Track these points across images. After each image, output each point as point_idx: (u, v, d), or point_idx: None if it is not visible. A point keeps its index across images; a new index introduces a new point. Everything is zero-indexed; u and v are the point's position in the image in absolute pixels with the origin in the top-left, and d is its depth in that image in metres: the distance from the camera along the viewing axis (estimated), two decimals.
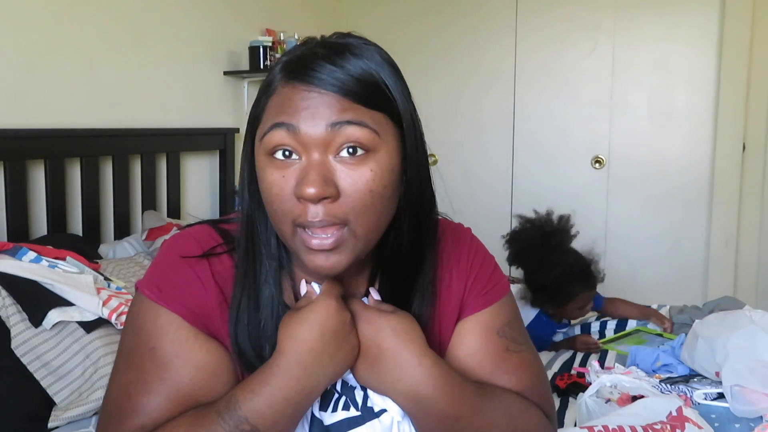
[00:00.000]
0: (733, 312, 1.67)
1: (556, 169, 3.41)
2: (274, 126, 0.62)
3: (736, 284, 3.23)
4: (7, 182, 1.80)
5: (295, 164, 0.62)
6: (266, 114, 0.64)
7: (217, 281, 0.70)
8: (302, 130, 0.61)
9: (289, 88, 0.63)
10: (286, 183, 0.62)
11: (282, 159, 0.62)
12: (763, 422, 1.32)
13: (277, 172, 0.63)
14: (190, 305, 0.68)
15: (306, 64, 0.63)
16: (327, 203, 0.61)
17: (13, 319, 1.39)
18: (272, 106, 0.64)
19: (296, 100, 0.62)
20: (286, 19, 3.10)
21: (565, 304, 1.98)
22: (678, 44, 3.18)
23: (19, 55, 1.87)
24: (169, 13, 2.45)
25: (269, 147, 0.63)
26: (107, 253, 2.03)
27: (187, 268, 0.70)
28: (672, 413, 1.14)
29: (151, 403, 0.66)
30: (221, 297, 0.70)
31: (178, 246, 0.72)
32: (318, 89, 0.61)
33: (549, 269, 1.95)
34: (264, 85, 0.66)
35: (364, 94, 0.62)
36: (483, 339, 0.76)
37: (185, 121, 2.54)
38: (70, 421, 1.32)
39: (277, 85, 0.64)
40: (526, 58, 3.42)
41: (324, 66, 0.62)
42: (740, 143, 3.14)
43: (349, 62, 0.63)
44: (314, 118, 0.61)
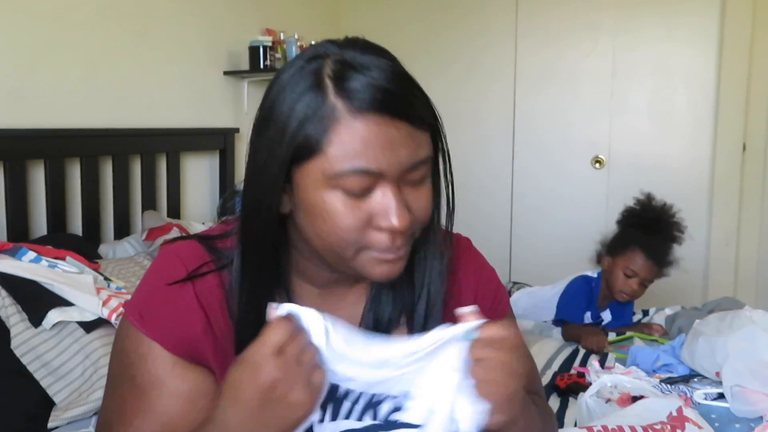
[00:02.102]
0: (733, 312, 1.67)
1: (556, 169, 3.41)
2: (355, 172, 0.59)
3: (736, 284, 3.23)
4: (7, 182, 1.80)
5: (370, 195, 0.61)
6: (333, 149, 0.59)
7: (202, 304, 0.68)
8: (384, 172, 0.60)
9: (364, 123, 0.59)
10: (360, 214, 0.61)
11: (357, 195, 0.61)
12: (763, 422, 1.32)
13: (350, 204, 0.61)
14: (172, 333, 0.67)
15: (379, 97, 0.59)
16: (409, 227, 0.63)
17: (13, 319, 1.39)
18: (343, 141, 0.59)
19: (376, 140, 0.59)
20: (286, 19, 3.10)
21: (617, 255, 2.00)
22: (678, 44, 3.18)
23: (19, 55, 1.87)
24: (169, 13, 2.45)
25: (343, 186, 0.60)
26: (107, 253, 2.03)
27: (170, 294, 0.68)
28: (672, 413, 1.14)
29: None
30: (205, 321, 0.68)
31: (162, 269, 0.70)
32: (396, 122, 0.59)
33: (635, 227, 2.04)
34: (314, 106, 0.60)
35: (424, 118, 0.62)
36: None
37: (185, 121, 2.54)
38: (70, 421, 1.32)
39: (343, 115, 0.59)
40: (527, 59, 3.42)
41: (402, 96, 0.60)
42: (740, 143, 3.14)
43: (412, 81, 0.62)
44: (398, 158, 0.60)
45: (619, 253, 2.02)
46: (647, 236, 2.03)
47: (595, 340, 1.93)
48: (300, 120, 0.60)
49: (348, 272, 0.68)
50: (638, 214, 2.10)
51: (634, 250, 1.99)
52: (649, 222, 2.06)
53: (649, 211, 2.08)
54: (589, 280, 2.10)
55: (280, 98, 0.62)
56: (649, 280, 2.03)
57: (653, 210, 2.08)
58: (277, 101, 0.62)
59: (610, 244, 2.09)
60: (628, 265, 1.99)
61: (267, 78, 2.83)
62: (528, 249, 3.49)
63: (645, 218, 2.06)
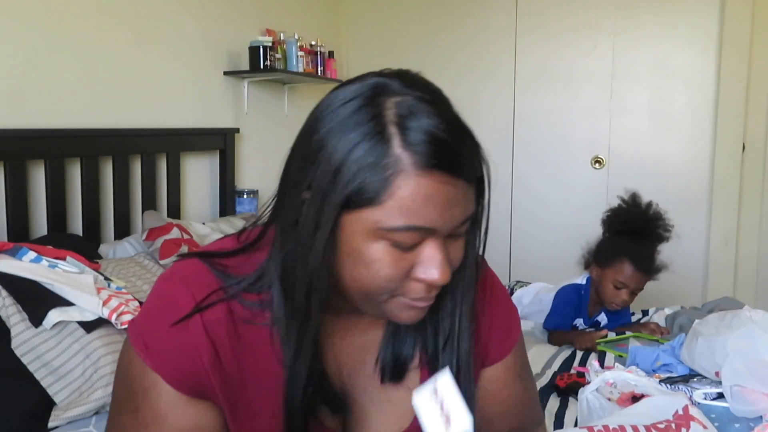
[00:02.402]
0: (733, 312, 1.67)
1: (556, 169, 3.41)
2: (410, 229, 0.58)
3: (736, 284, 3.23)
4: (7, 182, 1.80)
5: (416, 249, 0.60)
6: (391, 202, 0.57)
7: (210, 337, 0.65)
8: (438, 229, 0.59)
9: (428, 180, 0.57)
10: (404, 265, 0.60)
11: (404, 249, 0.60)
12: (762, 422, 1.32)
13: (395, 255, 0.60)
14: (177, 368, 0.65)
15: (449, 157, 0.57)
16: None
17: (13, 319, 1.39)
18: (403, 196, 0.56)
19: (437, 199, 0.57)
20: (286, 19, 3.10)
21: (606, 266, 1.98)
22: (678, 44, 3.18)
23: (19, 55, 1.87)
24: (169, 13, 2.45)
25: (392, 239, 0.59)
26: (107, 253, 2.03)
27: (177, 329, 0.64)
28: (678, 412, 1.13)
29: None
30: (213, 354, 0.65)
31: (168, 297, 0.66)
32: (456, 180, 0.58)
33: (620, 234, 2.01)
34: (376, 154, 0.56)
35: (477, 173, 0.63)
36: (510, 386, 0.80)
37: (185, 121, 2.54)
38: (70, 421, 1.32)
39: (409, 171, 0.56)
40: (526, 58, 3.42)
41: (464, 153, 0.59)
42: (740, 143, 3.14)
43: (467, 131, 0.61)
44: (453, 217, 0.59)
45: (608, 264, 1.99)
46: (635, 244, 1.99)
47: (588, 339, 1.94)
48: (359, 167, 0.56)
49: (370, 312, 0.66)
50: (625, 219, 2.05)
51: (623, 262, 1.96)
52: (637, 227, 2.02)
53: (637, 216, 2.03)
54: (578, 288, 2.08)
55: (335, 136, 0.58)
56: (639, 289, 2.02)
57: (641, 214, 2.04)
58: (330, 139, 0.58)
59: (598, 253, 2.05)
60: (617, 277, 1.97)
61: (267, 78, 2.84)
62: (528, 249, 3.49)
63: (632, 223, 2.03)
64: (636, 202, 2.07)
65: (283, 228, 0.64)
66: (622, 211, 2.07)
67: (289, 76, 2.88)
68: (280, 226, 0.64)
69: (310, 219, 0.59)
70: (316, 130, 0.59)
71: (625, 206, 2.07)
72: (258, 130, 2.98)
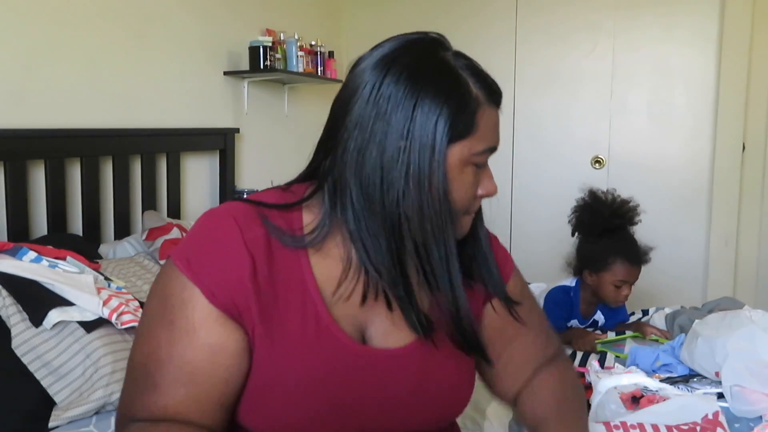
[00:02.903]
0: (732, 312, 1.67)
1: (556, 169, 3.41)
2: (490, 150, 0.75)
3: (736, 284, 3.24)
4: (7, 182, 1.80)
5: (481, 169, 0.76)
6: (478, 131, 0.73)
7: (249, 250, 0.71)
8: (495, 146, 0.77)
9: (492, 111, 0.75)
10: (477, 183, 0.76)
11: (480, 168, 0.76)
12: (762, 422, 1.32)
13: (472, 178, 0.75)
14: (215, 281, 0.70)
15: (495, 89, 0.76)
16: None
17: (14, 319, 1.39)
18: (483, 125, 0.73)
19: (497, 126, 0.76)
20: (286, 19, 3.11)
21: (601, 271, 1.98)
22: (678, 44, 3.18)
23: (19, 55, 1.87)
24: (169, 13, 2.45)
25: (476, 161, 0.74)
26: (107, 253, 2.03)
27: (218, 242, 0.72)
28: (708, 416, 1.12)
29: (163, 384, 0.70)
30: (252, 267, 0.71)
31: (212, 219, 0.75)
32: (498, 111, 0.76)
33: (599, 237, 2.01)
34: (463, 91, 0.72)
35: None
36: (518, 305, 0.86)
37: (185, 121, 2.54)
38: (71, 421, 1.32)
39: (484, 105, 0.73)
40: (526, 59, 3.42)
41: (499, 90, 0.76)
42: (740, 143, 3.14)
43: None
44: (498, 138, 0.77)
45: (602, 268, 1.99)
46: (620, 242, 1.99)
47: (587, 341, 1.94)
48: (452, 110, 0.70)
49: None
50: (594, 218, 2.02)
51: (616, 262, 1.96)
52: (609, 223, 2.02)
53: (604, 212, 2.01)
54: (567, 290, 2.08)
55: (422, 90, 0.70)
56: (636, 279, 2.04)
57: (607, 208, 2.02)
58: (417, 93, 0.70)
59: (587, 261, 2.03)
60: (615, 277, 1.98)
61: (267, 78, 2.84)
62: (528, 249, 3.49)
63: (604, 220, 2.02)
64: (599, 199, 2.06)
65: (361, 179, 0.71)
66: (588, 211, 2.06)
67: (289, 76, 2.88)
68: (355, 179, 0.72)
69: (415, 163, 0.70)
70: (396, 90, 0.70)
71: (589, 205, 2.07)
72: (258, 130, 2.98)
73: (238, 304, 0.71)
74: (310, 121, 3.32)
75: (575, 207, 2.10)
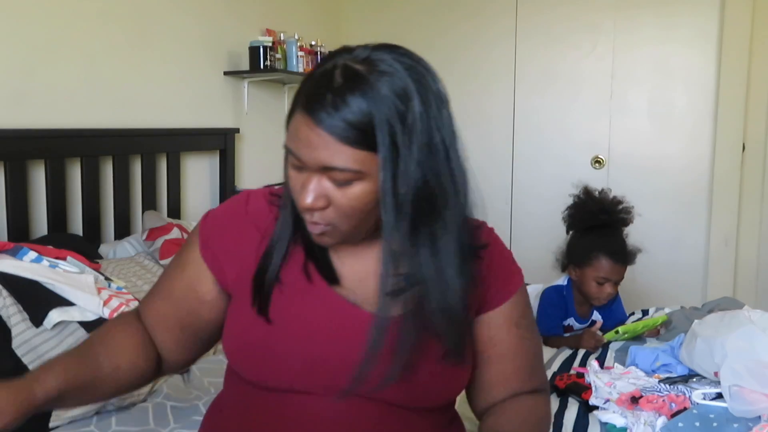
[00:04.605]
0: (731, 312, 1.68)
1: (556, 169, 3.41)
2: (288, 148, 0.75)
3: (736, 284, 3.24)
4: (7, 182, 1.80)
5: (303, 172, 0.75)
6: (288, 130, 0.75)
7: (253, 220, 0.87)
8: (303, 159, 0.73)
9: (301, 118, 0.72)
10: (300, 182, 0.75)
11: (297, 169, 0.75)
12: (761, 422, 1.33)
13: (295, 173, 0.76)
14: (213, 227, 0.89)
15: (315, 100, 0.71)
16: (317, 211, 0.75)
17: (14, 319, 1.39)
18: (291, 126, 0.74)
19: (302, 133, 0.72)
20: (286, 19, 3.11)
21: (584, 266, 1.99)
22: (678, 44, 3.18)
23: (19, 55, 1.87)
24: (169, 14, 2.45)
25: (291, 160, 0.75)
26: (107, 253, 2.03)
27: (232, 207, 0.89)
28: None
29: (153, 293, 0.92)
30: (251, 234, 0.86)
31: (232, 198, 0.92)
32: (318, 129, 0.70)
33: (586, 232, 2.02)
34: (296, 93, 0.75)
35: (355, 138, 0.70)
36: (506, 332, 0.89)
37: (185, 121, 2.54)
38: (71, 421, 1.32)
39: (297, 107, 0.73)
40: (527, 59, 3.42)
41: (328, 110, 0.69)
42: (740, 143, 3.14)
43: (353, 104, 0.69)
44: (312, 155, 0.72)
45: (585, 263, 1.99)
46: (605, 238, 2.00)
47: (592, 339, 1.94)
48: (292, 101, 0.76)
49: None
50: (584, 215, 2.04)
51: (599, 258, 1.96)
52: (599, 220, 2.03)
53: (596, 209, 2.02)
54: (560, 289, 2.08)
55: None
56: (621, 279, 2.03)
57: (599, 206, 2.03)
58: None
59: (571, 255, 2.05)
60: (598, 273, 1.98)
61: (267, 78, 2.84)
62: (528, 249, 3.48)
63: (594, 216, 2.03)
64: (590, 195, 2.07)
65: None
66: (579, 207, 2.07)
67: (289, 76, 2.88)
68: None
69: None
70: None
71: (581, 201, 2.08)
72: (258, 130, 2.98)
73: (224, 263, 0.87)
74: None
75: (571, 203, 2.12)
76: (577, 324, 2.11)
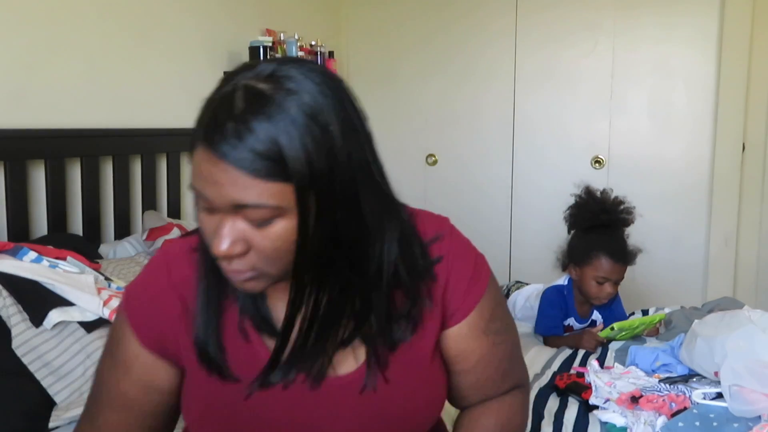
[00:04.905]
0: (732, 312, 1.68)
1: (556, 169, 3.41)
2: (193, 189, 0.65)
3: (736, 284, 3.24)
4: (7, 182, 1.80)
5: (215, 214, 0.65)
6: (192, 168, 0.65)
7: (179, 292, 0.76)
8: (211, 200, 0.63)
9: (202, 153, 0.63)
10: (212, 227, 0.66)
11: (207, 207, 0.65)
12: (761, 422, 1.33)
13: (206, 217, 0.66)
14: (145, 322, 0.77)
15: (216, 131, 0.61)
16: (236, 258, 0.65)
17: (14, 319, 1.39)
18: (193, 162, 0.65)
19: (205, 170, 0.62)
20: (286, 19, 3.11)
21: (584, 265, 1.99)
22: (678, 44, 3.18)
23: (19, 55, 1.87)
24: (169, 13, 2.45)
25: (198, 201, 0.66)
26: (108, 253, 2.03)
27: (150, 286, 0.78)
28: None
29: (99, 407, 0.80)
30: (181, 308, 0.76)
31: (151, 263, 0.80)
32: (223, 164, 0.61)
33: (587, 232, 2.03)
34: (196, 123, 0.65)
35: (267, 170, 0.61)
36: (475, 342, 0.83)
37: (185, 122, 2.52)
38: (71, 421, 1.32)
39: (197, 141, 0.64)
40: (526, 58, 3.42)
41: (231, 141, 0.60)
42: (740, 143, 3.14)
43: (259, 130, 0.60)
44: (220, 194, 0.62)
45: (585, 262, 2.00)
46: (606, 237, 2.00)
47: (593, 340, 1.94)
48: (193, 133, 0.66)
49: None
50: (586, 214, 2.05)
51: (599, 257, 1.97)
52: (600, 220, 2.03)
53: (597, 209, 2.03)
54: (560, 289, 2.09)
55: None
56: (620, 279, 2.03)
57: (600, 206, 2.04)
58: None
59: (572, 254, 2.06)
60: (597, 273, 1.98)
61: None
62: (528, 249, 3.49)
63: (595, 217, 2.03)
64: (592, 195, 2.08)
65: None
66: (581, 207, 2.08)
67: None
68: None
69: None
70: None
71: (583, 201, 2.08)
72: None
73: (167, 344, 0.77)
74: None
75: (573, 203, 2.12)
76: (577, 324, 2.11)
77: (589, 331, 1.99)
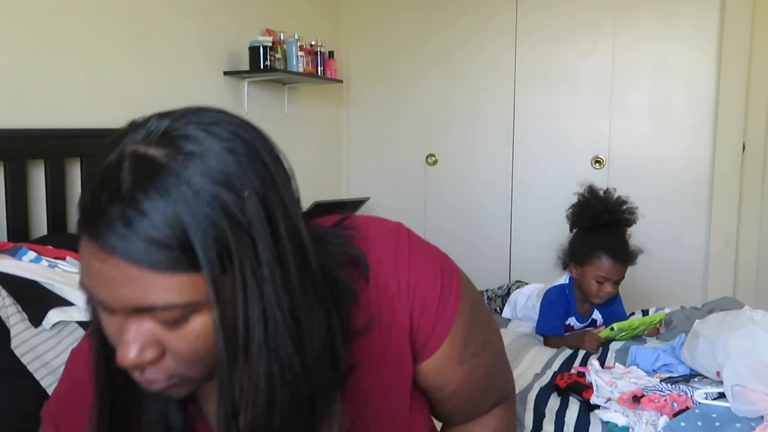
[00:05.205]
0: (733, 312, 1.68)
1: (556, 170, 3.41)
2: (84, 288, 0.53)
3: (736, 284, 3.23)
4: (7, 182, 1.80)
5: (116, 315, 0.52)
6: (79, 260, 0.53)
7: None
8: (107, 304, 0.51)
9: (87, 246, 0.50)
10: (115, 329, 0.54)
11: (107, 312, 0.53)
12: (764, 422, 1.32)
13: (107, 317, 0.54)
14: (61, 419, 0.71)
15: (98, 218, 0.48)
16: (148, 364, 0.53)
17: (13, 319, 1.39)
18: (80, 256, 0.52)
19: (94, 268, 0.50)
20: (286, 19, 3.10)
21: (585, 264, 1.99)
22: (678, 44, 3.18)
23: (19, 55, 1.87)
24: (169, 14, 2.45)
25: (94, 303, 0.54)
26: None
27: (69, 379, 0.73)
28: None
29: None
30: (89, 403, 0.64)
31: (68, 363, 0.75)
32: (113, 259, 0.48)
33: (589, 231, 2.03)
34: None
35: (169, 261, 0.49)
36: (449, 372, 0.73)
37: None
38: None
39: (80, 230, 0.51)
40: (526, 58, 3.42)
41: (118, 230, 0.48)
42: (740, 143, 3.14)
43: (154, 212, 0.48)
44: (116, 296, 0.50)
45: (586, 261, 2.00)
46: (607, 237, 2.00)
47: (594, 341, 1.94)
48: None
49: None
50: (589, 213, 2.05)
51: (600, 257, 1.97)
52: (603, 219, 2.03)
53: (600, 208, 2.03)
54: (562, 288, 2.09)
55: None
56: (621, 278, 2.03)
57: (603, 205, 2.04)
58: None
59: (573, 253, 2.06)
60: (598, 272, 1.98)
61: (267, 78, 2.83)
62: (528, 249, 3.48)
63: (598, 216, 2.04)
64: (595, 195, 2.08)
65: None
66: (583, 206, 2.08)
67: (289, 76, 2.88)
68: None
69: None
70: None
71: (585, 200, 2.08)
72: None
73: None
74: (310, 121, 3.32)
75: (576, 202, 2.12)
76: (578, 323, 2.11)
77: (590, 332, 1.99)
